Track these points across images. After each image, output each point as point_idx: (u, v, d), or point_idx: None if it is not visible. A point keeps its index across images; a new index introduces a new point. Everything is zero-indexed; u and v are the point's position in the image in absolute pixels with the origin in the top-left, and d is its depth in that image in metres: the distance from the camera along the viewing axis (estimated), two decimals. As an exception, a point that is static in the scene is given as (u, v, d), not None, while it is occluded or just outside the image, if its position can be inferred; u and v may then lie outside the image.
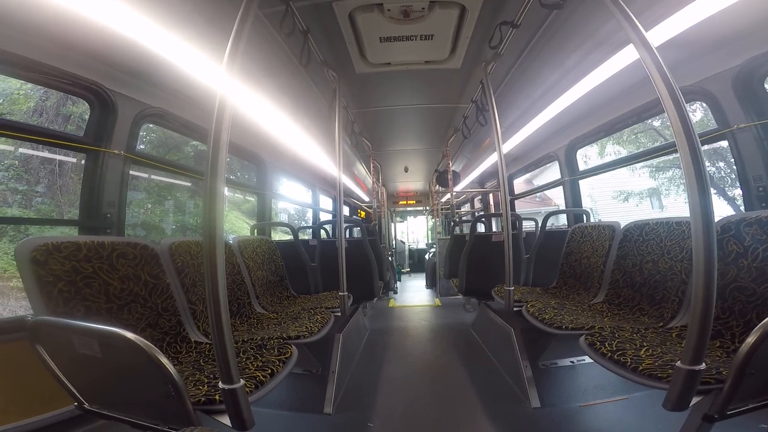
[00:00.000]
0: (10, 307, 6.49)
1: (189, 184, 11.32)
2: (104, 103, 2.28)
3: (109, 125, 2.29)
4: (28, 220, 6.99)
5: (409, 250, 12.54)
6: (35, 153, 7.79)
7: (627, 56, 2.40)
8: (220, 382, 1.23)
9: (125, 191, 2.40)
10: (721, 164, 10.33)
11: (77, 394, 1.40)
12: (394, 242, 10.58)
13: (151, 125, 2.82)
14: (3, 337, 1.75)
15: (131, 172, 2.46)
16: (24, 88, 7.87)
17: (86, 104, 2.31)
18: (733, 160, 2.32)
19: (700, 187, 1.20)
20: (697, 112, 8.66)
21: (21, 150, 7.71)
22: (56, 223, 5.95)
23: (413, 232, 15.40)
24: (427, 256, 8.16)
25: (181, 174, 3.34)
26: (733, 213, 1.84)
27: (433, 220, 8.17)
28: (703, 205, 1.19)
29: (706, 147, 2.12)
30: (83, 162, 2.29)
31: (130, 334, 1.13)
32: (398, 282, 8.09)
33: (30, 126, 2.29)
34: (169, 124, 2.87)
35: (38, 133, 2.17)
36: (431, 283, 7.16)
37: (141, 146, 2.51)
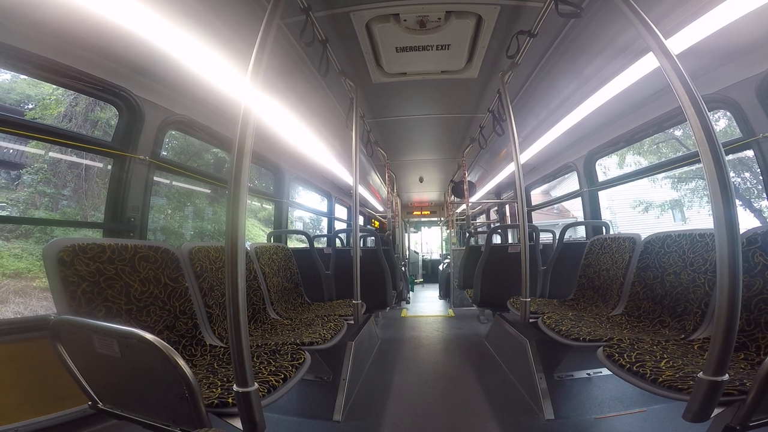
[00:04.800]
0: (32, 306, 6.68)
1: (208, 191, 11.58)
2: (132, 109, 2.37)
3: (135, 131, 2.38)
4: (56, 222, 7.27)
5: (423, 260, 12.47)
6: (63, 157, 8.10)
7: (647, 65, 2.37)
8: (234, 385, 1.25)
9: (149, 196, 2.47)
10: (747, 174, 10.00)
11: (92, 394, 1.43)
12: (407, 252, 10.55)
13: (173, 132, 2.91)
14: (24, 336, 1.81)
15: (154, 177, 2.54)
16: (55, 93, 8.22)
17: (113, 110, 2.40)
18: (759, 169, 2.25)
19: (724, 197, 1.18)
20: (721, 121, 8.44)
21: (51, 154, 8.02)
22: (81, 225, 6.16)
23: (427, 242, 15.35)
24: (440, 267, 8.10)
25: (202, 181, 3.42)
26: (760, 225, 1.78)
27: (448, 230, 8.12)
28: (727, 216, 1.17)
29: (730, 156, 2.06)
30: (109, 167, 2.37)
31: (149, 336, 1.16)
32: (411, 292, 8.04)
33: (62, 130, 2.39)
34: (193, 131, 2.96)
35: (70, 138, 2.26)
36: (445, 294, 7.09)
37: (163, 153, 2.59)
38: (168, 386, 1.20)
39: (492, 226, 8.53)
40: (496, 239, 7.79)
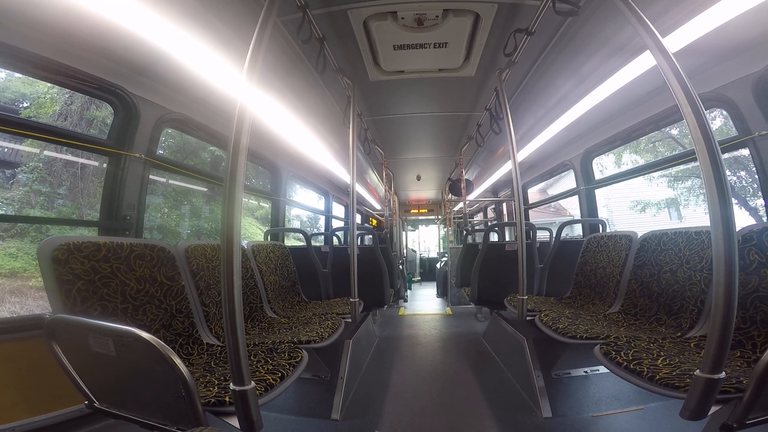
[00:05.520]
0: (28, 305, 6.65)
1: (205, 190, 11.54)
2: (127, 107, 2.35)
3: (131, 129, 2.36)
4: (51, 220, 7.24)
5: (420, 258, 12.49)
6: (59, 156, 8.05)
7: (643, 63, 2.37)
8: (231, 384, 1.24)
9: (144, 194, 2.45)
10: (743, 173, 10.06)
11: (88, 393, 1.42)
12: (405, 251, 10.55)
13: (169, 130, 2.90)
14: (19, 335, 1.79)
15: (150, 176, 2.52)
16: (50, 92, 8.16)
17: (109, 108, 2.39)
18: (754, 168, 2.26)
19: (720, 195, 1.18)
20: (717, 120, 8.49)
21: (46, 152, 7.97)
22: (77, 223, 6.11)
23: (424, 241, 15.37)
24: (438, 265, 8.11)
25: (198, 179, 3.40)
26: (755, 223, 1.79)
27: (445, 229, 8.14)
28: (723, 213, 1.17)
29: (726, 155, 2.07)
30: (105, 165, 2.36)
31: (145, 334, 1.15)
32: (408, 290, 8.05)
33: (57, 128, 2.39)
34: (189, 129, 2.94)
35: (65, 136, 2.24)
36: (442, 292, 7.11)
37: (160, 151, 2.57)
38: (164, 385, 1.19)
39: (489, 224, 8.55)
40: (494, 237, 7.80)
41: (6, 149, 8.08)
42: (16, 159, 8.09)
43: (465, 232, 6.04)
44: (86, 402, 1.44)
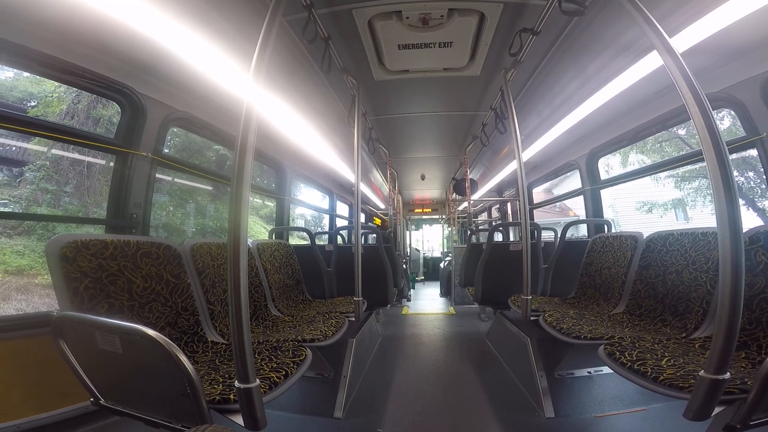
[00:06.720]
0: (34, 303, 6.70)
1: (210, 188, 11.58)
2: (134, 106, 2.37)
3: (138, 127, 2.38)
4: (58, 218, 7.32)
5: (424, 258, 12.48)
6: (65, 154, 8.10)
7: (650, 63, 2.36)
8: (236, 381, 1.25)
9: (151, 192, 2.47)
10: (751, 174, 9.96)
11: (94, 390, 1.44)
12: (408, 250, 10.55)
13: (174, 129, 2.91)
14: (27, 332, 1.81)
15: (156, 174, 2.54)
16: (57, 90, 8.22)
17: (115, 107, 2.41)
18: (762, 169, 2.24)
19: (727, 196, 1.18)
20: (725, 120, 8.41)
21: (53, 151, 8.03)
22: (84, 221, 6.15)
23: (428, 240, 15.35)
24: (442, 265, 8.11)
25: (204, 177, 3.42)
26: (762, 224, 1.78)
27: (449, 228, 8.13)
28: (730, 214, 1.17)
29: (734, 156, 2.05)
30: (112, 164, 2.38)
31: (152, 332, 1.16)
32: (412, 290, 8.04)
33: (65, 127, 2.41)
34: (195, 128, 2.96)
35: (72, 135, 2.27)
36: (446, 292, 7.09)
37: (165, 150, 2.59)
38: (170, 383, 1.20)
39: (493, 223, 8.52)
40: (498, 237, 7.79)
41: (14, 148, 8.14)
42: (24, 157, 8.15)
43: (469, 232, 6.02)
44: (92, 399, 1.45)
